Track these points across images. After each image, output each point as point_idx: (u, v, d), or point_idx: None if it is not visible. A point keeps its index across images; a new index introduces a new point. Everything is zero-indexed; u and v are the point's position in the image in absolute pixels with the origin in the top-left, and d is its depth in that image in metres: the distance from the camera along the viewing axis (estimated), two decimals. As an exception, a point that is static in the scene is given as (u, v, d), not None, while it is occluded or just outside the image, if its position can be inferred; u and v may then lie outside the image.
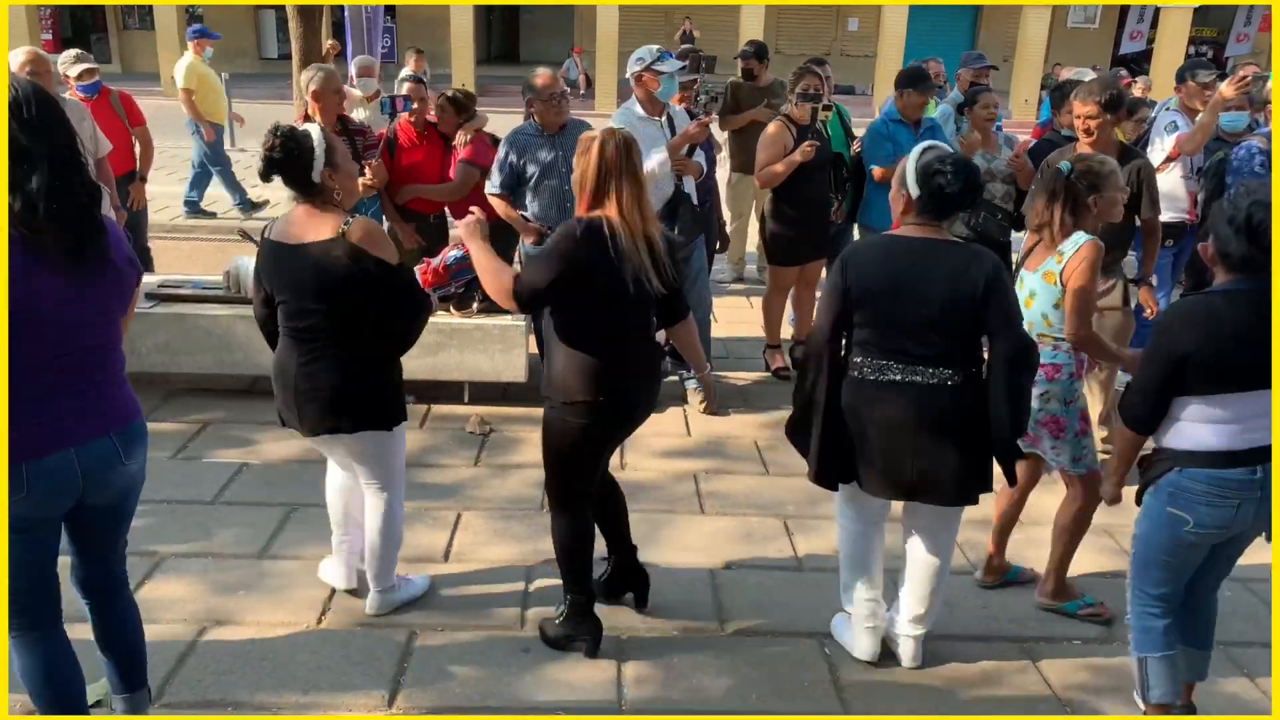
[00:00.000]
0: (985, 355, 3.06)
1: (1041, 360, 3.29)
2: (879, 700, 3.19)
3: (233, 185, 9.76)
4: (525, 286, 3.07)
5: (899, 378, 3.00)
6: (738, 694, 3.19)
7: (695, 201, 5.39)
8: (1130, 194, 4.23)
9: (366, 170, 5.30)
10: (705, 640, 3.46)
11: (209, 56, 9.62)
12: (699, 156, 5.37)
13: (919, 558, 3.25)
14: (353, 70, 8.92)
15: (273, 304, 3.21)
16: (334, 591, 3.63)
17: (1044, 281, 3.44)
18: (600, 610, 3.39)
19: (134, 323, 5.06)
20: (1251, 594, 3.85)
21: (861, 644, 3.34)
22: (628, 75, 5.21)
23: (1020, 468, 3.58)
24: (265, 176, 3.07)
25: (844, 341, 3.13)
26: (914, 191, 3.00)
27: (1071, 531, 3.60)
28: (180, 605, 3.53)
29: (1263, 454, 2.68)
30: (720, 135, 7.56)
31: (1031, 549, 4.02)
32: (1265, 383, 2.63)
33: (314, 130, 3.10)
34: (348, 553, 3.62)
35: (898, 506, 3.30)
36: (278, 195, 9.56)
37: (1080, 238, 3.42)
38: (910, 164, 3.03)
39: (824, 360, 3.10)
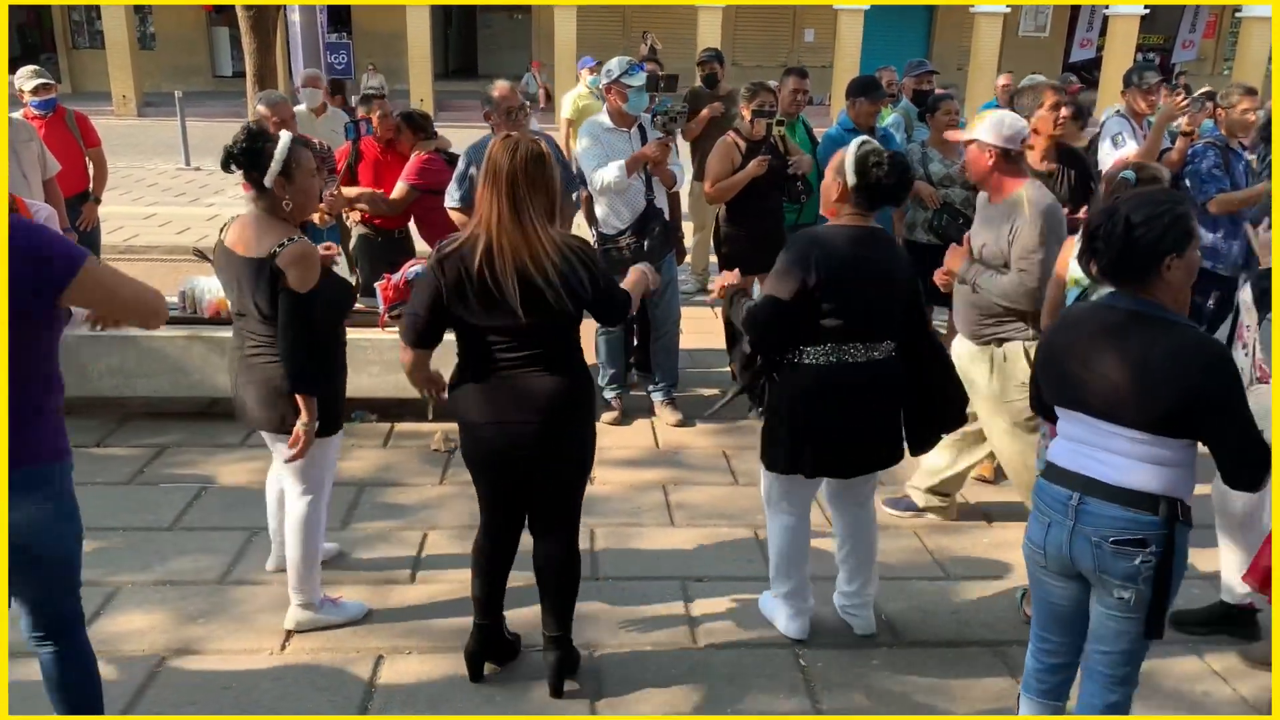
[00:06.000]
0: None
1: None
2: (856, 708, 3.17)
3: None
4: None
5: (862, 358, 3.20)
6: (712, 708, 3.15)
7: (667, 216, 5.37)
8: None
9: (324, 197, 5.23)
10: (678, 655, 3.42)
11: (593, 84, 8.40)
12: (673, 166, 5.34)
13: (864, 529, 3.50)
14: (298, 83, 8.81)
15: None
16: (298, 617, 3.54)
17: None
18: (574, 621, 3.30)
19: (84, 346, 5.06)
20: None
21: (795, 626, 3.51)
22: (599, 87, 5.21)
23: None
24: (225, 166, 3.15)
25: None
26: (850, 180, 3.13)
27: None
28: (139, 636, 3.43)
29: (1090, 486, 2.42)
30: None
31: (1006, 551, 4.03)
32: (1090, 410, 2.42)
33: (285, 137, 3.15)
34: (276, 541, 3.77)
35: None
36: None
37: None
38: (849, 154, 3.14)
39: (778, 332, 3.21)
